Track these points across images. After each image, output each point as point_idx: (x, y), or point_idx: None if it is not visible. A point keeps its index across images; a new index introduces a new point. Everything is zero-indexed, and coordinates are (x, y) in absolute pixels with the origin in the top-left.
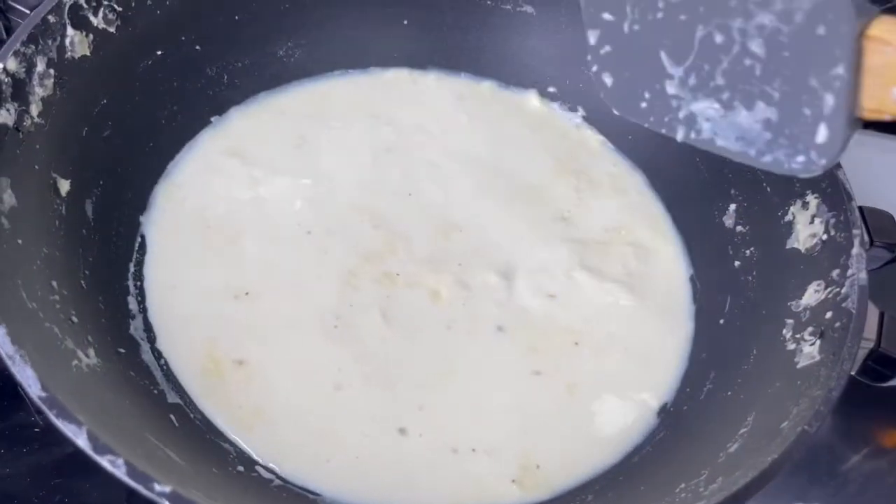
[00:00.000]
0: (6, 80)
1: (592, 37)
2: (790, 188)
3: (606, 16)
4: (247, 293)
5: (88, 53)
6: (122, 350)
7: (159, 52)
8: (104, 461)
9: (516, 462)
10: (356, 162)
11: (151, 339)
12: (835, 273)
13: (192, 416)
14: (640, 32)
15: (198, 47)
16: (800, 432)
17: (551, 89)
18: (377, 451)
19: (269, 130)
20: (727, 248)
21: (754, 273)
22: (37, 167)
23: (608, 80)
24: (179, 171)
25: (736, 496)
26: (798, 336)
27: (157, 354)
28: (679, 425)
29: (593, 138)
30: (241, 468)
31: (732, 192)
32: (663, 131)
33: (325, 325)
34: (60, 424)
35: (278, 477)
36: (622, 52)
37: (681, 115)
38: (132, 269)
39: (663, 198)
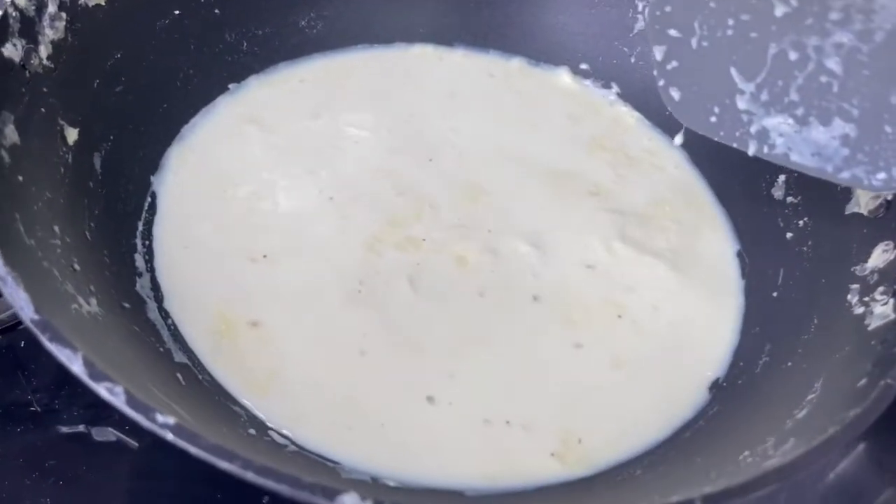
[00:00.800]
0: (14, 14)
1: (659, 52)
2: None
3: (673, 32)
4: (264, 256)
5: (103, 3)
6: (127, 305)
7: (177, 13)
8: (101, 388)
9: (555, 436)
10: (377, 130)
11: (159, 298)
12: None
13: (200, 377)
14: (709, 49)
15: (217, 11)
16: (883, 386)
17: (584, 66)
18: (403, 420)
19: (288, 99)
20: (777, 221)
21: (809, 243)
22: (43, 110)
23: (676, 94)
24: (194, 135)
25: (818, 450)
26: (866, 299)
27: (165, 314)
28: (734, 399)
29: (629, 115)
30: (252, 431)
31: None
32: (735, 145)
33: (348, 289)
34: (54, 349)
35: (293, 443)
36: (690, 68)
37: (752, 129)
38: (141, 227)
39: (705, 173)
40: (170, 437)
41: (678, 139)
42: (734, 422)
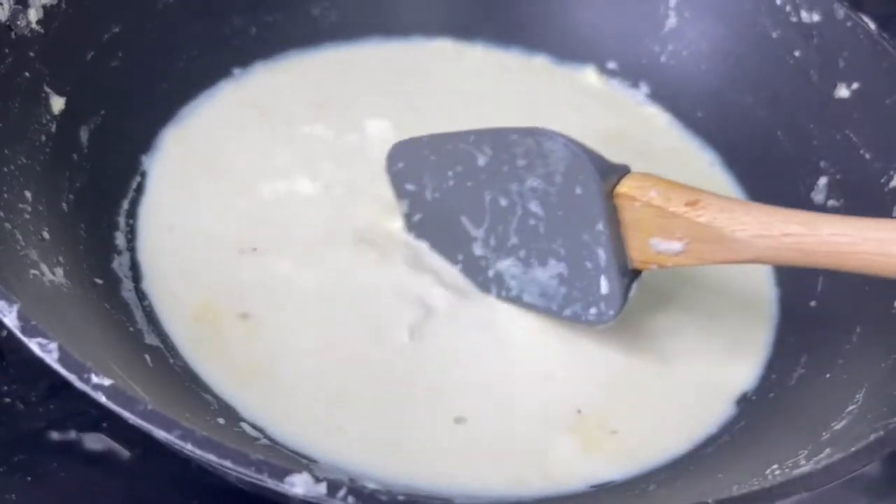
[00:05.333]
0: None
1: (403, 206)
2: (894, 149)
3: (409, 186)
4: (254, 249)
5: None
6: (100, 281)
7: None
8: (33, 344)
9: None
10: (382, 123)
11: (136, 278)
12: None
13: (171, 361)
14: (441, 199)
15: None
16: None
17: (611, 65)
18: (399, 421)
19: (293, 88)
20: None
21: None
22: (27, 74)
23: (425, 243)
24: (192, 118)
25: (856, 457)
26: None
27: (141, 295)
28: (764, 413)
29: (658, 116)
30: (221, 420)
31: (822, 164)
32: (481, 291)
33: (345, 286)
34: None
35: (266, 436)
36: (431, 219)
37: (490, 274)
38: (125, 206)
39: (739, 177)
40: (103, 399)
41: None
42: (763, 436)
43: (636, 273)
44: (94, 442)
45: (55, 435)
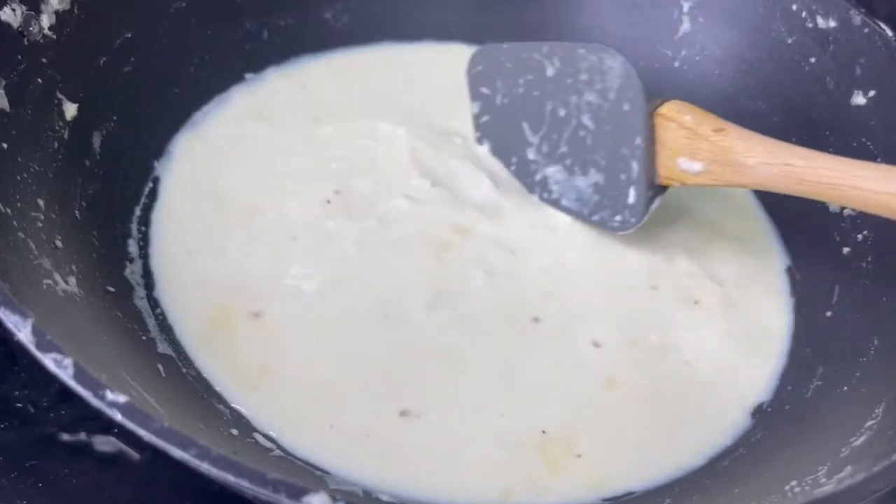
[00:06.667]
0: None
1: (475, 107)
2: None
3: (484, 90)
4: (267, 253)
5: None
6: (112, 289)
7: None
8: (47, 359)
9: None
10: (393, 126)
11: (149, 285)
12: None
13: (184, 370)
14: (509, 105)
15: None
16: None
17: None
18: (409, 432)
19: (306, 92)
20: (833, 235)
21: (869, 258)
22: (40, 80)
23: (486, 145)
24: (204, 124)
25: (879, 476)
26: None
27: (154, 303)
28: (780, 425)
29: None
30: (235, 431)
31: None
32: (526, 191)
33: (369, 291)
34: (1, 314)
35: (279, 447)
36: (496, 122)
37: (537, 178)
38: (138, 212)
39: None
40: (118, 417)
41: None
42: (780, 450)
43: (661, 188)
44: (105, 445)
45: (66, 438)
